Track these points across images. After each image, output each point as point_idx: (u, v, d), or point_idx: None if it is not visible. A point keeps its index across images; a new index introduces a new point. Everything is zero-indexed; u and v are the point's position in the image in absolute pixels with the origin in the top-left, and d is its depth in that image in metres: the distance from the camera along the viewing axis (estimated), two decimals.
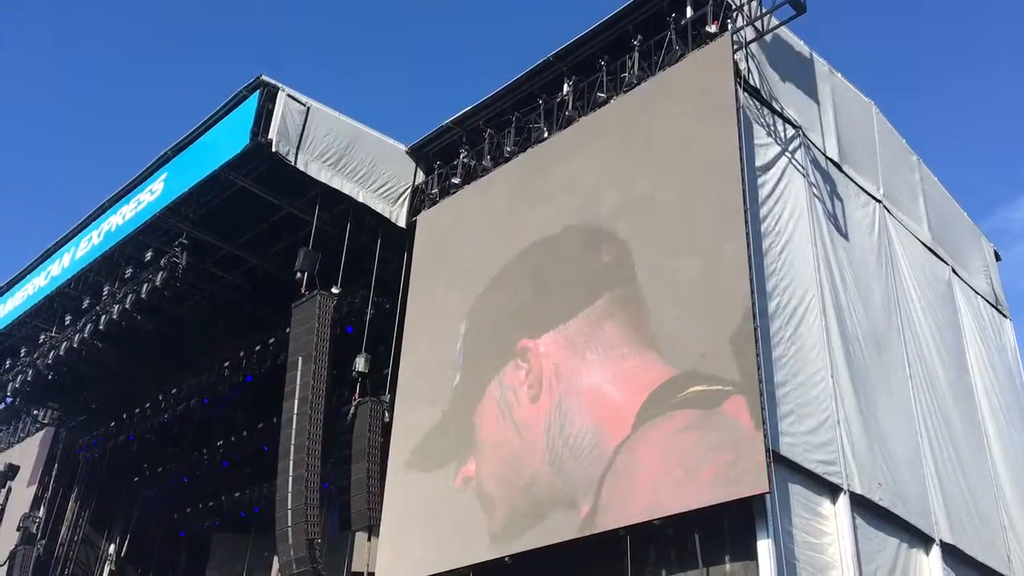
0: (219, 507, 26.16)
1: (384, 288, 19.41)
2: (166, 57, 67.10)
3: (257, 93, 18.17)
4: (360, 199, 19.14)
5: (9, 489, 28.43)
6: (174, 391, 25.38)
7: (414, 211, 19.94)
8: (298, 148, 18.21)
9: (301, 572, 15.99)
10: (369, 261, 19.33)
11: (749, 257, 13.22)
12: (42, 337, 23.74)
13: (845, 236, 16.34)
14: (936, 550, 14.96)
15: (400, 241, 19.65)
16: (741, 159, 13.95)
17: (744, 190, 13.71)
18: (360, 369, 18.15)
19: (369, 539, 17.02)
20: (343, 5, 66.42)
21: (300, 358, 17.49)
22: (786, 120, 15.95)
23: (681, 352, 13.48)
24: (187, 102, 64.08)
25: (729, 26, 15.38)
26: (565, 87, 17.91)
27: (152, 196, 20.06)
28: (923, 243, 19.18)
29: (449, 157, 19.83)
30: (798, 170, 15.61)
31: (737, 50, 15.12)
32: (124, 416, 26.65)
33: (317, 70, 63.57)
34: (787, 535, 12.10)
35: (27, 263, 24.31)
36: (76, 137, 68.90)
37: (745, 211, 13.55)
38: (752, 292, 12.95)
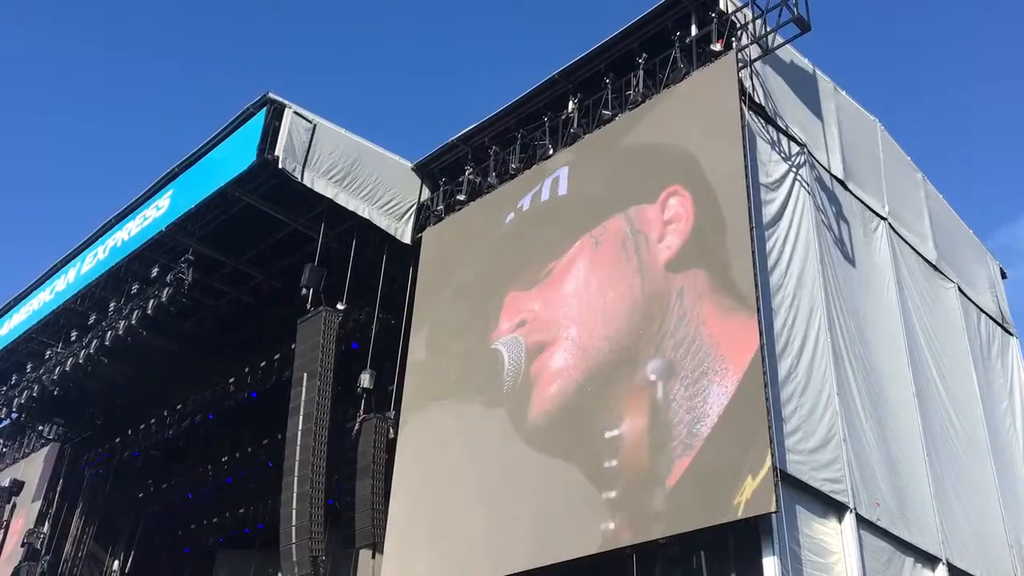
0: (224, 523, 26.08)
1: (389, 304, 19.43)
2: (174, 72, 67.48)
3: (264, 110, 18.26)
4: (365, 215, 19.20)
5: (14, 505, 28.42)
6: (179, 407, 25.37)
7: (419, 227, 19.99)
8: (304, 165, 18.29)
9: None
10: (374, 278, 19.36)
11: (755, 274, 13.24)
12: (48, 353, 23.77)
13: (850, 253, 16.34)
14: (942, 569, 14.89)
15: (405, 257, 19.70)
16: (747, 176, 13.99)
17: (750, 207, 13.74)
18: (365, 385, 18.15)
19: (373, 556, 16.99)
20: (349, 24, 66.78)
21: (305, 374, 17.52)
22: (791, 138, 15.98)
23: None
24: (194, 118, 64.40)
25: (734, 44, 15.45)
26: (570, 105, 17.99)
27: (158, 212, 20.13)
28: (928, 261, 19.16)
29: (454, 174, 19.89)
30: (804, 188, 15.64)
31: (742, 68, 15.17)
32: (129, 432, 26.62)
33: (323, 86, 63.89)
34: (793, 554, 12.06)
35: (33, 279, 24.44)
36: (83, 153, 69.20)
37: (751, 228, 13.58)
38: (758, 309, 12.95)
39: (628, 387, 14.03)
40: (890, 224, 17.97)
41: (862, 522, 13.42)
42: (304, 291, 18.22)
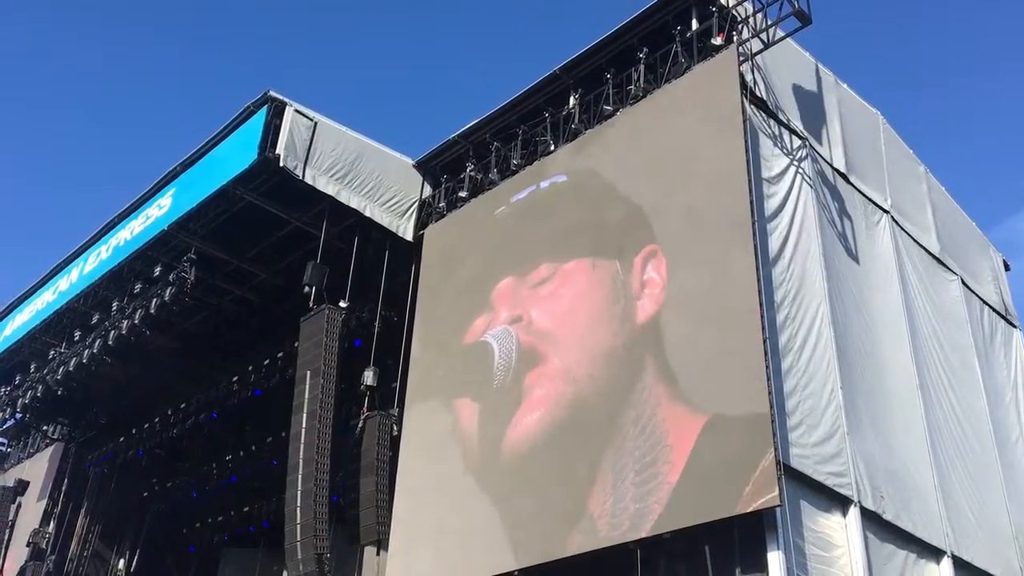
0: (228, 522, 26.11)
1: (392, 302, 19.42)
2: (175, 71, 67.48)
3: (265, 108, 18.25)
4: (367, 213, 19.19)
5: (19, 504, 28.47)
6: (183, 406, 25.38)
7: (421, 224, 19.98)
8: (306, 162, 18.28)
9: None
10: (377, 275, 19.36)
11: (757, 268, 13.22)
12: (51, 352, 23.79)
13: (853, 246, 16.32)
14: (947, 562, 14.89)
15: (408, 255, 19.70)
16: (748, 170, 13.97)
17: (751, 201, 13.73)
18: (368, 383, 18.16)
19: (378, 553, 17.02)
20: (350, 21, 66.75)
21: (308, 372, 17.51)
22: (793, 131, 15.96)
23: (688, 363, 13.46)
24: (195, 117, 64.40)
25: (734, 38, 15.42)
26: (571, 100, 17.96)
27: (161, 211, 20.14)
28: (931, 253, 19.13)
29: (456, 171, 19.87)
30: (806, 181, 15.62)
31: (743, 62, 15.15)
32: (133, 431, 26.65)
33: (324, 84, 63.89)
34: (797, 548, 12.06)
35: (36, 279, 24.45)
36: (83, 152, 69.25)
37: (753, 222, 13.57)
38: (760, 303, 12.94)
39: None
40: (893, 217, 17.94)
41: (866, 515, 13.43)
42: (307, 289, 18.22)
